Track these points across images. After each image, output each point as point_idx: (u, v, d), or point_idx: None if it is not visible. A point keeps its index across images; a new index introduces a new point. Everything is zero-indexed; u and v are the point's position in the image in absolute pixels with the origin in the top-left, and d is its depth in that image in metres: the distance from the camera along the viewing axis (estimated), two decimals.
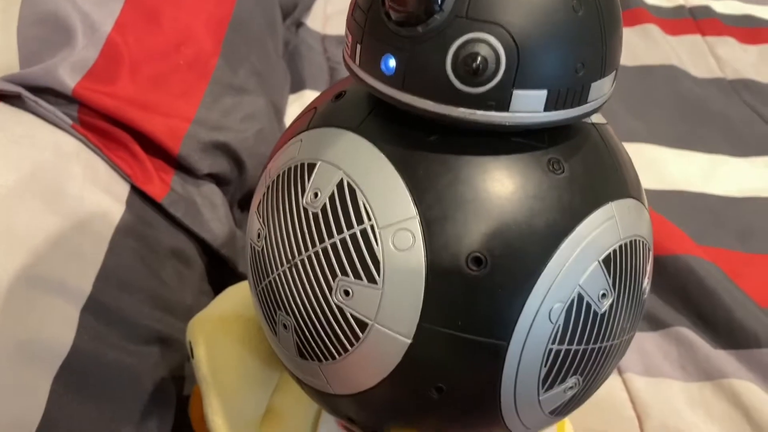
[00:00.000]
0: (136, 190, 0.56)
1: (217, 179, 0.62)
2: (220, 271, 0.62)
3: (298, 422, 0.45)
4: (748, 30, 1.08)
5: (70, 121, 0.55)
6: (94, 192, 0.52)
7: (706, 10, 1.12)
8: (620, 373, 0.61)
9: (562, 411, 0.35)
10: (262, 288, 0.36)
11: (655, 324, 0.64)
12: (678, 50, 1.02)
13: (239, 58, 0.68)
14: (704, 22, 1.09)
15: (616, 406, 0.58)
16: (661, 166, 0.82)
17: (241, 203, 0.68)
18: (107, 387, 0.45)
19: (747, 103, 0.92)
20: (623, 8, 1.09)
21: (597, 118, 0.36)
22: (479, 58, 0.29)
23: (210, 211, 0.60)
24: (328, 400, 0.37)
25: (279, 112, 0.73)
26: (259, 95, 0.67)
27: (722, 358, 0.61)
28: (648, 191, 0.78)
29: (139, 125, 0.58)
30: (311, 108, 0.37)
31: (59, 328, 0.44)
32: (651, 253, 0.36)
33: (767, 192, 0.79)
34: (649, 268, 0.35)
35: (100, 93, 0.56)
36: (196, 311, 0.50)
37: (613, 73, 0.33)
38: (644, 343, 0.63)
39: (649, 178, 0.80)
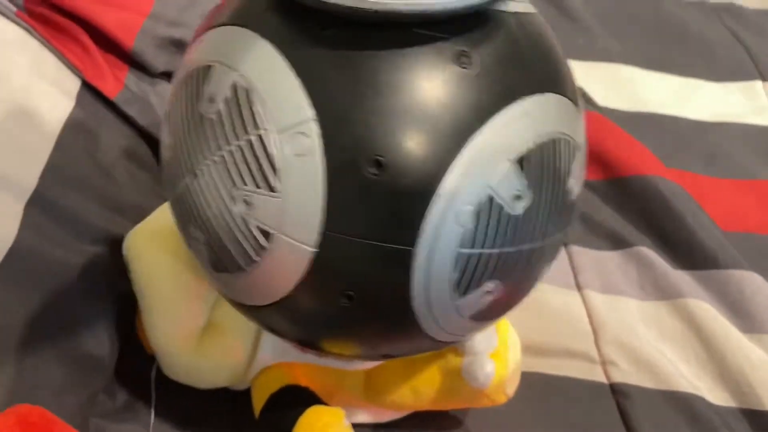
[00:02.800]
0: (87, 86, 0.54)
1: (171, 76, 0.59)
2: None
3: (240, 334, 0.45)
4: None
5: (14, 8, 0.52)
6: (40, 85, 0.50)
7: None
8: (579, 289, 0.61)
9: (485, 316, 0.35)
10: (173, 200, 0.35)
11: (618, 243, 0.64)
12: None
13: None
14: None
15: (573, 320, 0.59)
16: (635, 86, 0.81)
17: None
18: (50, 284, 0.44)
19: (727, 27, 0.91)
20: None
21: (521, 6, 0.34)
22: None
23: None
24: (248, 312, 0.36)
25: None
26: None
27: (680, 278, 0.61)
28: (620, 112, 0.78)
29: (91, 17, 0.54)
30: (217, 7, 0.35)
31: (1, 221, 0.42)
32: (582, 152, 0.34)
33: (738, 117, 0.79)
34: (576, 167, 0.34)
35: None
36: (150, 212, 0.49)
37: None
38: (605, 262, 0.63)
39: (622, 99, 0.79)
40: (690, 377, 0.55)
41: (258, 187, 0.30)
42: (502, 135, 0.30)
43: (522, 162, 0.31)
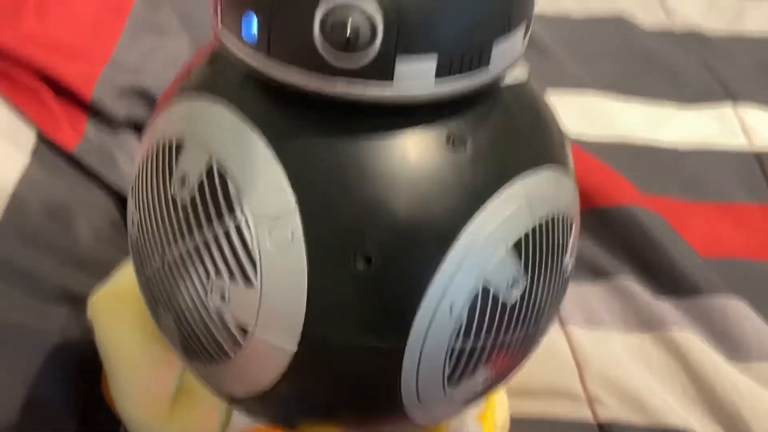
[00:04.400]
0: (44, 140, 0.52)
1: (136, 127, 0.58)
2: None
3: (212, 401, 0.43)
4: None
5: None
6: None
7: None
8: (562, 324, 0.60)
9: (477, 398, 0.33)
10: (142, 282, 0.32)
11: (598, 275, 0.63)
12: (627, 1, 1.01)
13: None
14: None
15: (557, 357, 0.57)
16: (607, 115, 0.81)
17: None
18: (7, 349, 0.42)
19: (695, 54, 0.91)
20: None
21: (514, 77, 0.32)
22: (350, 23, 0.24)
23: (128, 162, 0.56)
24: (223, 397, 0.34)
25: (204, 46, 0.69)
26: (182, 36, 0.63)
27: (663, 308, 0.60)
28: (593, 141, 0.77)
29: (47, 68, 0.53)
30: (186, 70, 0.32)
31: None
32: (575, 225, 0.32)
33: (712, 142, 0.79)
34: (571, 242, 0.32)
35: (1, 31, 0.52)
36: (113, 269, 0.47)
37: (523, 26, 0.28)
38: (587, 295, 0.62)
39: (595, 128, 0.79)
40: (679, 411, 0.54)
41: (234, 280, 0.28)
42: (498, 221, 0.28)
43: (518, 247, 0.29)
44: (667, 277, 0.62)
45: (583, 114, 0.80)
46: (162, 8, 0.63)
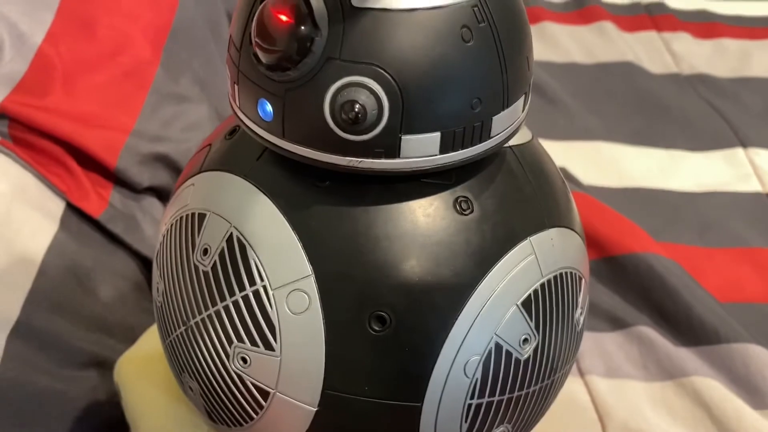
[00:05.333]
0: (72, 208, 0.54)
1: (158, 192, 0.60)
2: None
3: None
4: (702, 25, 1.08)
5: None
6: (23, 210, 0.50)
7: (661, 6, 1.12)
8: (582, 375, 0.59)
9: None
10: (167, 346, 0.33)
11: (616, 324, 0.63)
12: (634, 47, 1.02)
13: (180, 66, 0.65)
14: (659, 18, 1.09)
15: (578, 409, 0.57)
16: (618, 163, 0.82)
17: None
18: (37, 415, 0.42)
19: (703, 98, 0.92)
20: (578, 6, 1.08)
21: (518, 138, 0.33)
22: (357, 106, 0.26)
23: (151, 226, 0.57)
24: None
25: (224, 121, 0.71)
26: (202, 103, 0.65)
27: (684, 355, 0.60)
28: (605, 189, 0.78)
29: (74, 139, 0.55)
30: (206, 145, 0.34)
31: None
32: (584, 281, 0.33)
33: (725, 186, 0.79)
34: (581, 298, 0.33)
35: (30, 107, 0.54)
36: (139, 332, 0.48)
37: (522, 98, 0.30)
38: (605, 344, 0.62)
39: (606, 176, 0.79)
40: None
41: (255, 344, 0.29)
42: (508, 280, 0.29)
43: (528, 304, 0.30)
44: (685, 325, 0.62)
45: (595, 162, 0.81)
46: (182, 78, 0.65)
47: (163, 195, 0.60)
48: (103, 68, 0.60)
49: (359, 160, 0.28)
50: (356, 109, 0.26)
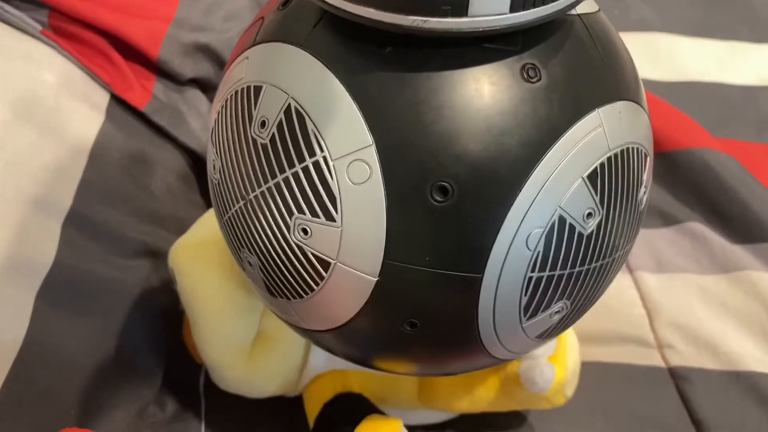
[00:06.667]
0: (116, 99, 0.53)
1: (201, 84, 0.59)
2: None
3: (289, 344, 0.44)
4: None
5: (39, 27, 0.52)
6: (70, 101, 0.50)
7: None
8: (630, 271, 0.59)
9: (551, 334, 0.33)
10: (224, 223, 0.33)
11: (668, 220, 0.62)
12: None
13: None
14: None
15: (625, 304, 0.57)
16: (675, 56, 0.78)
17: None
18: (93, 301, 0.44)
19: None
20: None
21: (585, 7, 0.31)
22: None
23: (196, 119, 0.57)
24: (305, 334, 0.35)
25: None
26: None
27: (738, 252, 0.58)
28: (661, 83, 0.75)
29: (115, 29, 0.54)
30: (259, 18, 0.33)
31: (39, 243, 0.42)
32: (650, 159, 0.32)
33: None
34: (646, 176, 0.32)
35: None
36: (188, 223, 0.48)
37: None
38: (655, 240, 0.61)
39: (662, 69, 0.76)
40: (758, 355, 0.53)
41: (316, 215, 0.29)
42: (574, 152, 0.28)
43: (594, 177, 0.29)
44: (741, 222, 0.60)
45: (651, 55, 0.77)
46: None
47: (206, 87, 0.59)
48: None
49: (424, 19, 0.26)
50: None
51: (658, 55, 0.77)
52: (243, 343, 0.44)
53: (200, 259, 0.43)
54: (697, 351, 0.53)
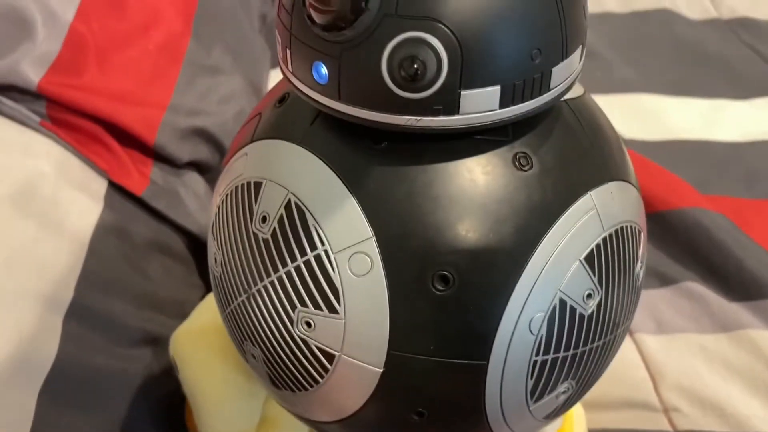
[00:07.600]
0: (114, 186, 0.54)
1: (198, 167, 0.60)
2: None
3: (293, 427, 0.44)
4: None
5: (37, 119, 0.53)
6: (68, 191, 0.50)
7: None
8: (631, 333, 0.59)
9: (558, 413, 0.33)
10: (227, 316, 0.33)
11: (664, 280, 0.62)
12: None
13: (212, 37, 0.65)
14: None
15: (628, 368, 0.56)
16: (659, 115, 0.79)
17: None
18: (96, 394, 0.43)
19: (745, 43, 0.89)
20: None
21: (571, 92, 0.32)
22: (417, 62, 0.25)
23: (194, 201, 0.57)
24: (311, 424, 0.35)
25: (258, 91, 0.70)
26: (236, 74, 0.65)
27: (736, 310, 0.59)
28: (647, 143, 0.76)
29: (112, 117, 0.55)
30: (256, 114, 0.34)
31: (41, 340, 0.42)
32: (643, 234, 0.33)
33: None
34: (641, 252, 0.32)
35: (66, 86, 0.54)
36: (188, 306, 0.49)
37: (579, 49, 0.29)
38: (654, 301, 0.61)
39: (647, 129, 0.77)
40: (763, 415, 0.52)
41: (318, 308, 0.29)
42: (570, 235, 0.29)
43: (591, 259, 0.29)
44: (736, 279, 0.60)
45: (636, 115, 0.79)
46: (214, 49, 0.64)
47: (203, 169, 0.60)
48: (136, 43, 0.59)
49: (417, 118, 0.27)
50: (415, 65, 0.26)
51: (643, 115, 0.79)
52: (246, 429, 0.43)
53: (201, 346, 0.43)
54: (704, 413, 0.53)
